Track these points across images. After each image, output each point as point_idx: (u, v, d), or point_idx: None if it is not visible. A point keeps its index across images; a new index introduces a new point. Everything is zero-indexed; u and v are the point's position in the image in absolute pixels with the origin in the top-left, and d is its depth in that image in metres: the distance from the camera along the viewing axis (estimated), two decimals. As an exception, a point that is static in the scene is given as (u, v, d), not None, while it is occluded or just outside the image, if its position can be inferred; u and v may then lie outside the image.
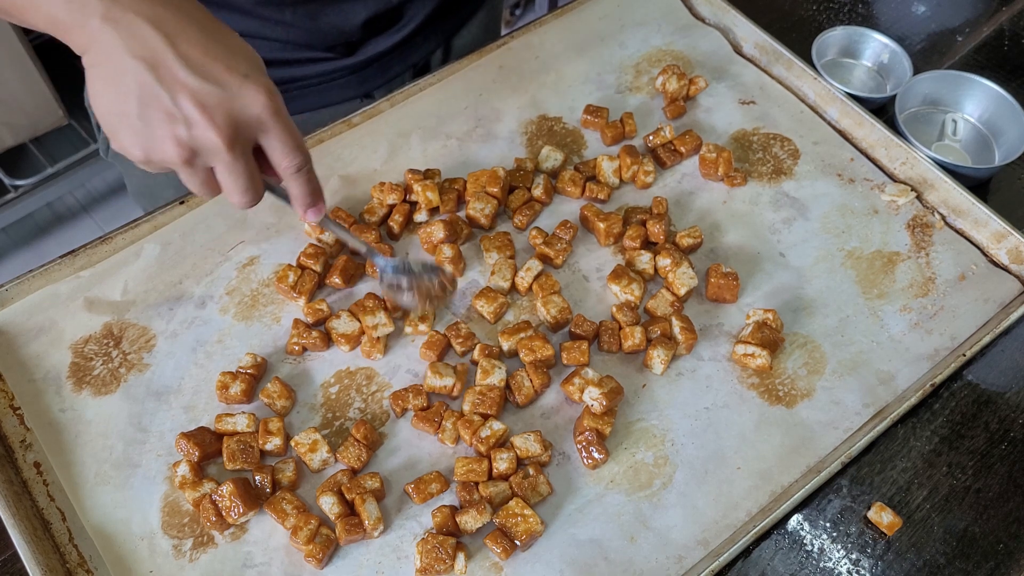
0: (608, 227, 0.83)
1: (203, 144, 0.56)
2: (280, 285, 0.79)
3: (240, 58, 0.57)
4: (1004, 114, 0.94)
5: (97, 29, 0.53)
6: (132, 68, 0.53)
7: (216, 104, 0.55)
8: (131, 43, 0.53)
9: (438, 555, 0.65)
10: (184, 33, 0.55)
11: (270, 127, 0.58)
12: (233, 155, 0.57)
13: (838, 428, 0.74)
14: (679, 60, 0.99)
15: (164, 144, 0.55)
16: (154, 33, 0.54)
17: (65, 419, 0.73)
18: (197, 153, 0.57)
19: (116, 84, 0.54)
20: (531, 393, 0.74)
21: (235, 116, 0.56)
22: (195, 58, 0.55)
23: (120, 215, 2.11)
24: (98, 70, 0.55)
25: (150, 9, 0.54)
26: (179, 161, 0.56)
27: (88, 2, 0.53)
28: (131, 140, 0.56)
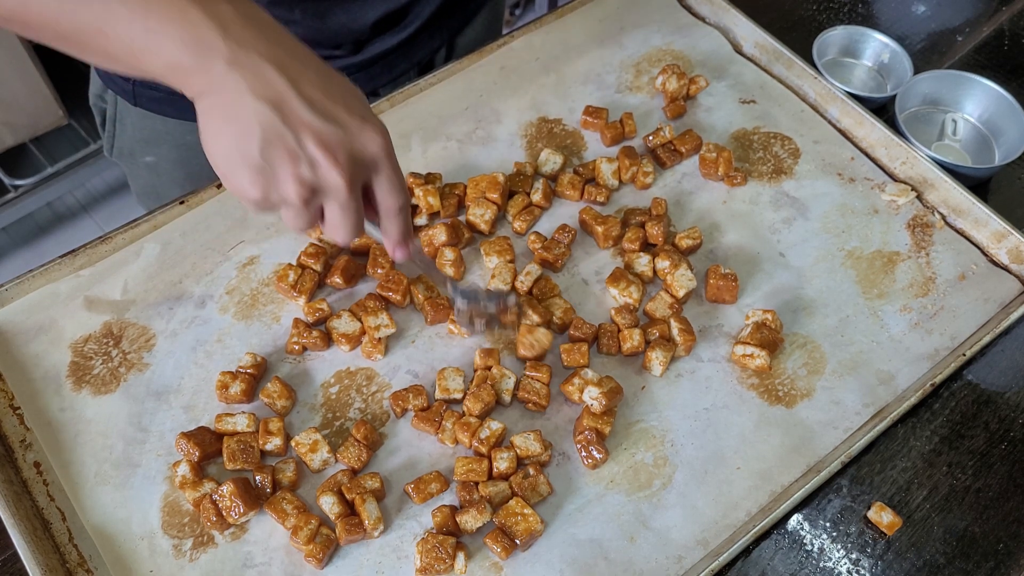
0: (607, 230, 0.83)
1: (325, 183, 0.56)
2: (280, 284, 0.79)
3: (356, 100, 0.58)
4: (1004, 114, 0.94)
5: (222, 72, 0.54)
6: (256, 109, 0.54)
7: (338, 144, 0.56)
8: (256, 85, 0.54)
9: (438, 555, 0.65)
10: (305, 75, 0.56)
11: (383, 167, 0.59)
12: (350, 195, 0.57)
13: (838, 428, 0.74)
14: (679, 60, 0.99)
15: (286, 184, 0.56)
16: (278, 76, 0.54)
17: (65, 419, 0.73)
18: (317, 192, 0.57)
19: (238, 125, 0.54)
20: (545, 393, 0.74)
21: (355, 156, 0.57)
22: (317, 100, 0.55)
23: (120, 215, 2.11)
24: (218, 111, 0.55)
25: (272, 52, 0.55)
26: (298, 200, 0.56)
27: (214, 46, 0.53)
28: (250, 180, 0.56)
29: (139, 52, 0.54)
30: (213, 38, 0.53)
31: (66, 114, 1.89)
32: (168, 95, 0.91)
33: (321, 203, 0.59)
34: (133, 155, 1.01)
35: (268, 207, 0.58)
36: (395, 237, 0.64)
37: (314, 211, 0.59)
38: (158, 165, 1.00)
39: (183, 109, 0.93)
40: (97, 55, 0.57)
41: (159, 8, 0.53)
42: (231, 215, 0.84)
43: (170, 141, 0.97)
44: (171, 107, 0.93)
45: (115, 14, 0.53)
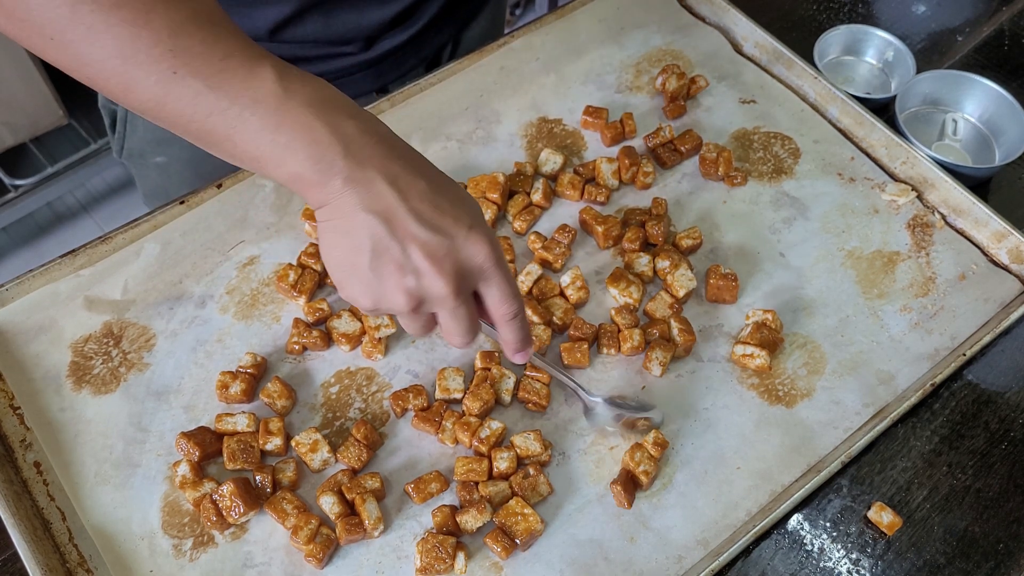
0: (607, 230, 0.83)
1: (430, 293, 0.58)
2: (280, 284, 0.79)
3: (464, 210, 0.60)
4: (1004, 114, 0.94)
5: (339, 188, 0.56)
6: (367, 223, 0.56)
7: (444, 255, 0.57)
8: (368, 200, 0.56)
9: (438, 554, 0.65)
10: (415, 188, 0.58)
11: (491, 276, 0.61)
12: (457, 302, 0.59)
13: (838, 428, 0.74)
14: (679, 60, 0.99)
15: (394, 294, 0.58)
16: (389, 189, 0.57)
17: (65, 418, 0.73)
18: (423, 301, 0.59)
19: (350, 237, 0.57)
20: (545, 393, 0.74)
21: (460, 266, 0.59)
22: (425, 212, 0.57)
23: (120, 215, 2.11)
24: (333, 223, 0.58)
25: (386, 167, 0.57)
26: (406, 309, 0.59)
27: (334, 163, 0.56)
28: (361, 290, 0.59)
29: (264, 161, 0.57)
30: (334, 156, 0.56)
31: (66, 114, 1.89)
32: None
33: (431, 311, 0.61)
34: (143, 156, 1.01)
35: (381, 313, 0.63)
36: (512, 343, 0.66)
37: (425, 318, 0.63)
38: (168, 166, 1.00)
39: None
40: (221, 153, 0.60)
41: (289, 125, 0.56)
42: (231, 215, 0.84)
43: (181, 141, 0.96)
44: None
45: (247, 125, 0.56)
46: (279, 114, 0.56)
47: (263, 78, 0.56)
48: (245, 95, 0.55)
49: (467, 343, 0.63)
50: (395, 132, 0.61)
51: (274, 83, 0.56)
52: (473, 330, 0.63)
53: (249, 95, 0.55)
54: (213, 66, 0.55)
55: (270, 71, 0.56)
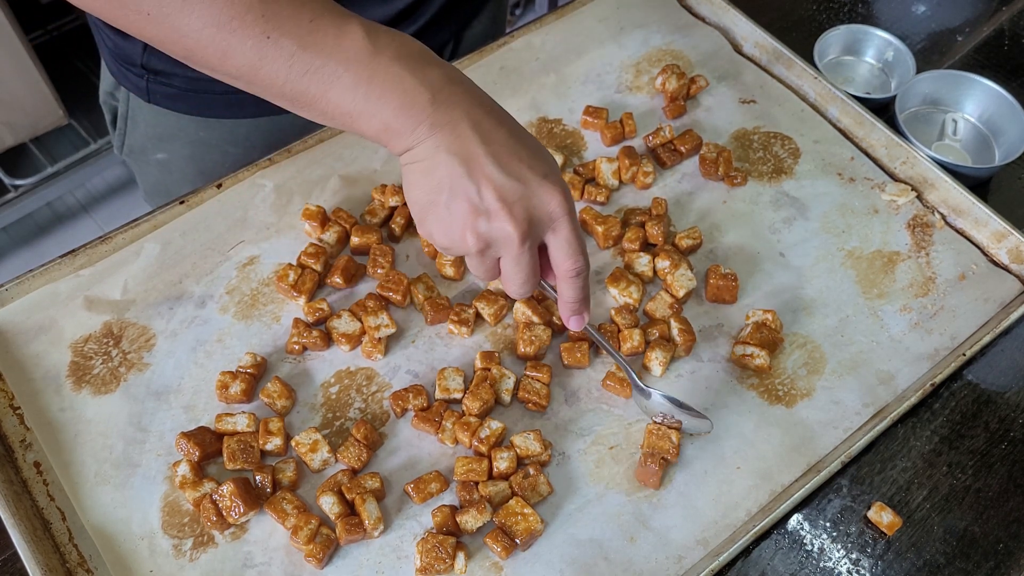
0: (607, 230, 0.83)
1: (499, 235, 0.61)
2: (280, 284, 0.79)
3: (540, 160, 0.62)
4: (1004, 114, 0.94)
5: (425, 133, 0.60)
6: (447, 162, 0.59)
7: (516, 199, 0.60)
8: (450, 142, 0.59)
9: (438, 554, 0.65)
10: (496, 134, 0.61)
11: (560, 227, 0.62)
12: (522, 249, 0.61)
13: (838, 428, 0.74)
14: (679, 60, 0.99)
15: (464, 234, 0.61)
16: (472, 133, 0.60)
17: (65, 418, 0.73)
18: (491, 244, 0.62)
19: (431, 176, 0.60)
20: (545, 393, 0.74)
21: (531, 212, 0.61)
22: (503, 156, 0.60)
23: (120, 215, 2.11)
24: (418, 165, 0.61)
25: (470, 113, 0.60)
26: (475, 250, 0.62)
27: (423, 110, 0.59)
28: (437, 227, 0.62)
29: (357, 115, 0.60)
30: (423, 104, 0.59)
31: (66, 114, 1.89)
32: (182, 91, 0.92)
33: (498, 255, 0.63)
34: (144, 152, 1.01)
35: (453, 253, 0.64)
36: (570, 303, 0.67)
37: (492, 262, 0.64)
38: (170, 162, 1.01)
39: (197, 105, 0.93)
40: (312, 113, 0.62)
41: (381, 78, 0.59)
42: (231, 215, 0.84)
43: (183, 138, 0.97)
44: (185, 103, 0.93)
45: (341, 81, 0.59)
46: (371, 69, 0.58)
47: (353, 36, 0.59)
48: (338, 53, 0.58)
49: (524, 293, 0.65)
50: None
51: (364, 40, 0.59)
52: (532, 280, 0.64)
53: (341, 53, 0.58)
54: (303, 27, 0.58)
55: (359, 29, 0.59)
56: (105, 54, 0.96)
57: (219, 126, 0.96)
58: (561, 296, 0.67)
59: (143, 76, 0.91)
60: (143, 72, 0.91)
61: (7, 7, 1.67)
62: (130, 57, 0.90)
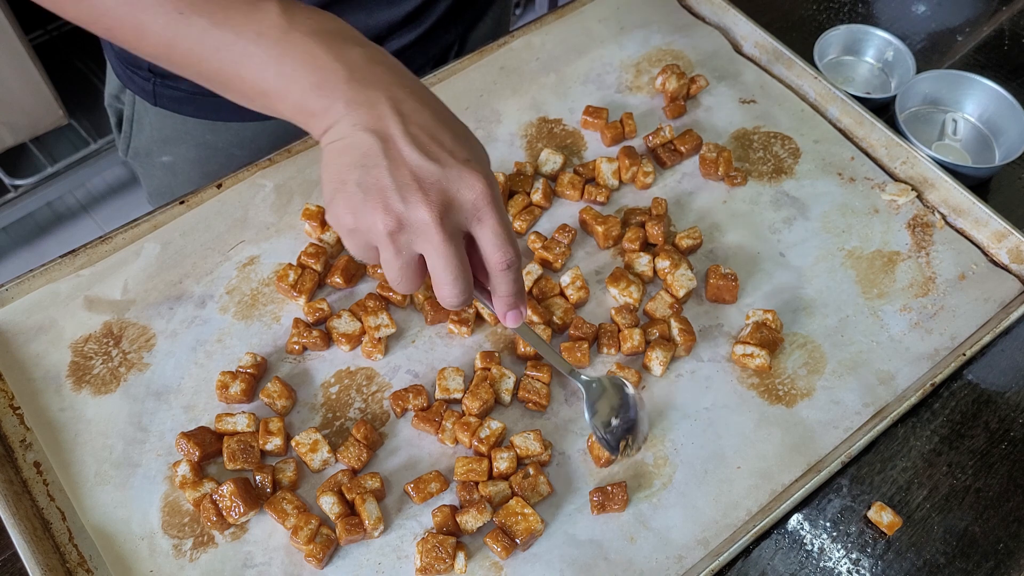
0: (607, 230, 0.83)
1: (413, 217, 0.56)
2: (280, 284, 0.79)
3: (465, 145, 0.59)
4: (1004, 114, 0.94)
5: (341, 111, 0.57)
6: (362, 140, 0.56)
7: (433, 182, 0.56)
8: (367, 119, 0.56)
9: (438, 554, 0.65)
10: (418, 115, 0.57)
11: (484, 216, 0.58)
12: (443, 235, 0.56)
13: (838, 427, 0.74)
14: (679, 60, 0.99)
15: (375, 212, 0.56)
16: (390, 112, 0.57)
17: (65, 418, 0.73)
18: (404, 226, 0.56)
19: (344, 154, 0.57)
20: (545, 393, 0.74)
21: (450, 197, 0.56)
22: (422, 138, 0.57)
23: (120, 215, 2.11)
24: (334, 145, 0.57)
25: (391, 92, 0.57)
26: (385, 231, 0.56)
27: (337, 87, 0.56)
28: (344, 206, 0.57)
29: (271, 94, 0.58)
30: (337, 81, 0.56)
31: (66, 114, 1.89)
32: (189, 94, 0.92)
33: (414, 246, 0.57)
34: (150, 155, 1.01)
35: (361, 239, 0.58)
36: (505, 297, 0.62)
37: (410, 256, 0.58)
38: (175, 165, 1.01)
39: (203, 108, 0.93)
40: (235, 94, 0.60)
41: (292, 54, 0.56)
42: (231, 215, 0.84)
43: (189, 140, 0.97)
44: (191, 106, 0.93)
45: (252, 58, 0.57)
46: (282, 44, 0.56)
47: (266, 11, 0.57)
48: (249, 28, 0.56)
49: (458, 294, 0.59)
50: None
51: (278, 15, 0.57)
52: (464, 278, 0.58)
53: (253, 28, 0.56)
54: (216, 3, 0.57)
55: (274, 4, 0.57)
56: (111, 57, 0.96)
57: (225, 129, 0.96)
58: (495, 291, 0.62)
59: (149, 79, 0.91)
60: (150, 75, 0.91)
61: (7, 7, 1.67)
62: (136, 60, 0.90)
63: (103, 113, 1.05)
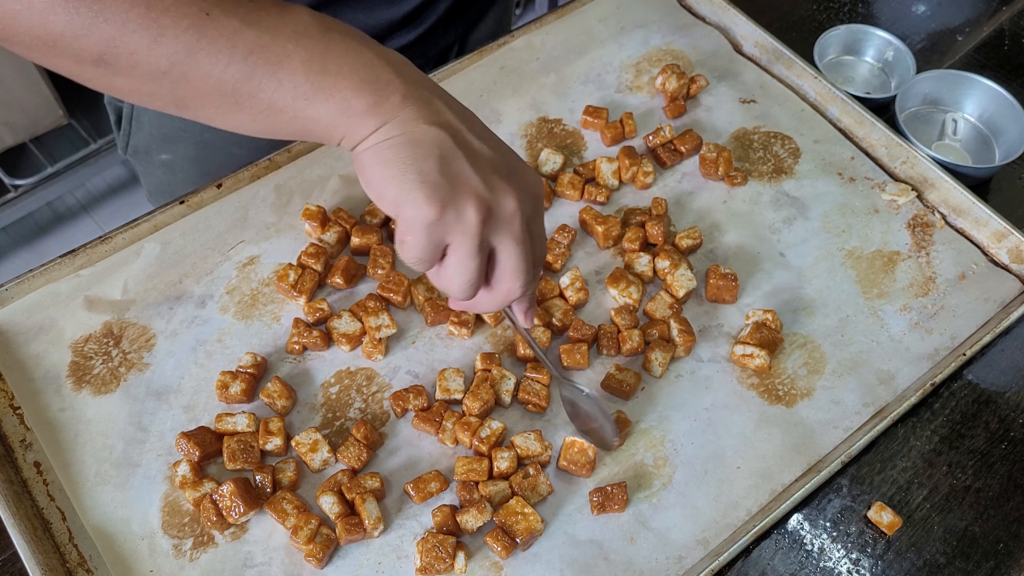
0: (607, 230, 0.83)
1: (501, 206, 0.57)
2: (280, 284, 0.79)
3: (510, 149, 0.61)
4: (1004, 114, 0.94)
5: (398, 104, 0.55)
6: (432, 133, 0.55)
7: (510, 174, 0.58)
8: (429, 114, 0.56)
9: (438, 554, 0.65)
10: (464, 111, 0.59)
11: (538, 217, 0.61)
12: (523, 227, 0.58)
13: (838, 427, 0.74)
14: (679, 59, 0.99)
15: (466, 201, 0.55)
16: (447, 109, 0.57)
17: (65, 418, 0.73)
18: (492, 215, 0.56)
19: (413, 147, 0.55)
20: (545, 394, 0.74)
21: (522, 188, 0.58)
22: (483, 134, 0.59)
23: (120, 215, 2.11)
24: (393, 140, 0.55)
25: (438, 92, 0.58)
26: (478, 220, 0.56)
27: (391, 82, 0.55)
28: (426, 198, 0.54)
29: (312, 96, 0.54)
30: (389, 76, 0.55)
31: (66, 114, 1.89)
32: None
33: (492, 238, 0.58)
34: (149, 153, 1.01)
35: (439, 232, 0.56)
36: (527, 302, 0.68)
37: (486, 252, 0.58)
38: (174, 163, 1.01)
39: None
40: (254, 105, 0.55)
41: (336, 51, 0.54)
42: (231, 215, 0.84)
43: (188, 139, 0.97)
44: None
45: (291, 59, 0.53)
46: (324, 43, 0.54)
47: (299, 12, 0.55)
48: (286, 28, 0.53)
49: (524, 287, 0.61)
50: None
51: (311, 16, 0.55)
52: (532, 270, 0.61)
53: (290, 27, 0.54)
54: (244, 5, 0.53)
55: (304, 8, 0.56)
56: None
57: None
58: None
59: None
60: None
61: (7, 7, 1.67)
62: None
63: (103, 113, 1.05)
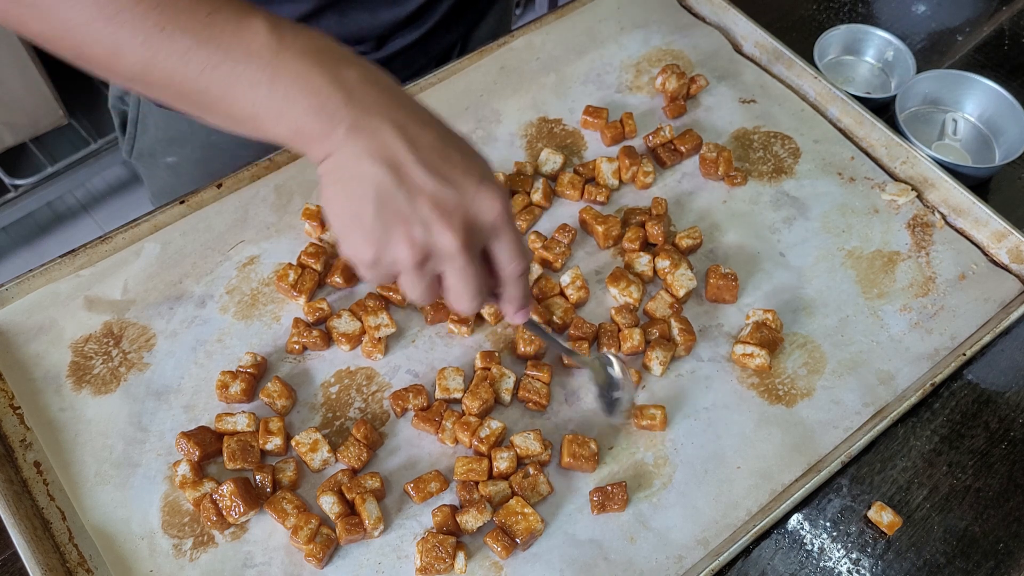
0: (607, 229, 0.83)
1: (438, 247, 0.56)
2: (280, 284, 0.79)
3: (474, 163, 0.57)
4: (1004, 114, 0.94)
5: (342, 137, 0.54)
6: (372, 172, 0.54)
7: (454, 208, 0.55)
8: (373, 147, 0.54)
9: (438, 554, 0.65)
10: (423, 137, 0.56)
11: (501, 232, 0.58)
12: (466, 259, 0.56)
13: (838, 427, 0.74)
14: (679, 59, 0.99)
15: (398, 246, 0.55)
16: (396, 138, 0.54)
17: (65, 418, 0.73)
18: (430, 256, 0.56)
19: (354, 187, 0.55)
20: (546, 392, 0.74)
21: (471, 220, 0.56)
22: (434, 162, 0.55)
23: (120, 214, 2.11)
24: (337, 174, 0.55)
25: (393, 115, 0.55)
26: (411, 263, 0.56)
27: (336, 112, 0.54)
28: (362, 241, 0.56)
29: (262, 117, 0.55)
30: (336, 105, 0.54)
31: (66, 114, 1.89)
32: None
33: (437, 269, 0.58)
34: (154, 156, 1.01)
35: (382, 270, 0.58)
36: (515, 300, 0.64)
37: (430, 278, 0.58)
38: (179, 166, 1.01)
39: None
40: (218, 117, 0.57)
41: (285, 75, 0.54)
42: (231, 215, 0.84)
43: (194, 141, 0.97)
44: None
45: (241, 79, 0.54)
46: (274, 66, 0.53)
47: (255, 30, 0.54)
48: (237, 48, 0.53)
49: (474, 307, 0.60)
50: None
51: (267, 34, 0.54)
52: (481, 292, 0.60)
53: (242, 48, 0.53)
54: (200, 20, 0.53)
55: (262, 23, 0.54)
56: None
57: None
58: (506, 295, 0.64)
59: None
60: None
61: (7, 7, 1.67)
62: None
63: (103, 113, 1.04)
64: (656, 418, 0.73)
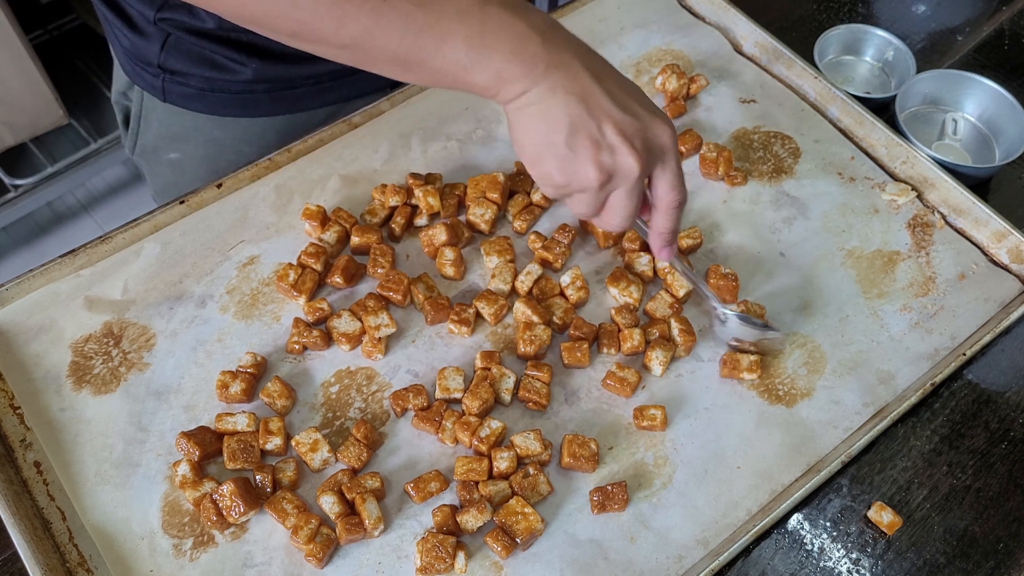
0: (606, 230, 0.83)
1: (622, 169, 0.63)
2: (280, 284, 0.79)
3: (644, 96, 0.65)
4: (1004, 113, 0.94)
5: (542, 73, 0.61)
6: (566, 103, 0.61)
7: (634, 133, 0.63)
8: (567, 82, 0.62)
9: (438, 554, 0.65)
10: (604, 72, 0.64)
11: (669, 159, 0.66)
12: (639, 181, 0.64)
13: (838, 427, 0.74)
14: (679, 59, 0.99)
15: (587, 168, 0.62)
16: (585, 72, 0.62)
17: (65, 418, 0.73)
18: (613, 177, 0.63)
19: (548, 117, 0.62)
20: (546, 392, 0.74)
21: (648, 145, 0.63)
22: (616, 94, 0.63)
23: (120, 214, 2.11)
24: (533, 108, 0.62)
25: (578, 54, 0.63)
26: (596, 184, 0.63)
27: (536, 53, 0.61)
28: (555, 165, 0.63)
29: (471, 66, 0.61)
30: (535, 47, 0.61)
31: (66, 114, 1.89)
32: (198, 90, 0.92)
33: (614, 189, 0.65)
34: (157, 152, 1.01)
35: (567, 191, 0.65)
36: (665, 234, 0.71)
37: (604, 196, 0.65)
38: (183, 162, 1.01)
39: (214, 104, 0.93)
40: (421, 72, 0.63)
41: (492, 26, 0.61)
42: (231, 215, 0.84)
43: (197, 137, 0.97)
44: (201, 103, 0.93)
45: (454, 35, 0.61)
46: (482, 19, 0.61)
47: None
48: (449, 8, 0.60)
49: (627, 225, 0.67)
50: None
51: None
52: (636, 214, 0.67)
53: (452, 7, 0.61)
54: None
55: None
56: (119, 53, 0.96)
57: (234, 125, 0.96)
58: (656, 228, 0.70)
59: (159, 76, 0.91)
60: (159, 72, 0.91)
61: (7, 7, 1.67)
62: (146, 57, 0.90)
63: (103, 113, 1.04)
64: (656, 418, 0.73)
